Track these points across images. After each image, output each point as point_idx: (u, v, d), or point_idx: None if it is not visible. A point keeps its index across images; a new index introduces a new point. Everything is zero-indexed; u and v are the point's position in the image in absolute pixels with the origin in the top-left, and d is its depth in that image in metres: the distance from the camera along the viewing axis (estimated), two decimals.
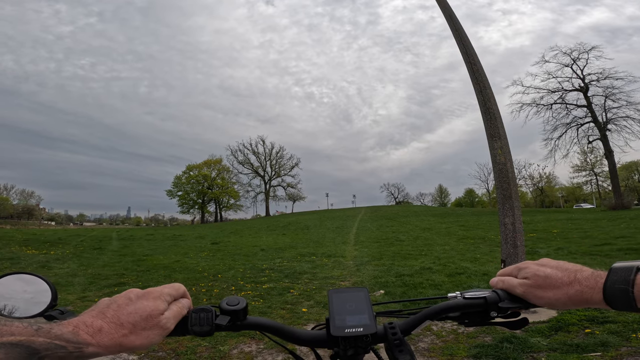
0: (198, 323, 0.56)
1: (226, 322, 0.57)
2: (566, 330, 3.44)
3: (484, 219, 20.83)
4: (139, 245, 16.98)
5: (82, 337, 0.46)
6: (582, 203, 51.20)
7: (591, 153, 43.10)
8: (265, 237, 18.66)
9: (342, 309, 0.59)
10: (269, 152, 65.66)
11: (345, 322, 0.56)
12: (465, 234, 14.16)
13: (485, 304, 0.60)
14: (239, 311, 0.58)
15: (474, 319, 0.62)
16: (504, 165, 4.27)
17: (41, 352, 0.42)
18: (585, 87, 31.46)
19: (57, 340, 0.44)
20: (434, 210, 34.92)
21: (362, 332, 0.54)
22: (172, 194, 62.82)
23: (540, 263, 0.59)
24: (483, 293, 0.61)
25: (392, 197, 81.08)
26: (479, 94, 5.03)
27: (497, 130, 4.49)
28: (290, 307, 5.06)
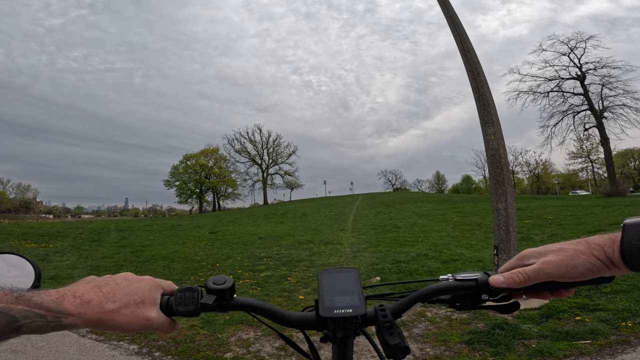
0: (183, 302, 0.55)
1: (212, 302, 0.55)
2: (557, 317, 3.51)
3: (480, 206, 20.98)
4: (138, 236, 17.01)
5: (65, 307, 0.45)
6: (578, 190, 51.53)
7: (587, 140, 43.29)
8: (263, 226, 18.75)
9: (331, 289, 0.57)
10: (266, 140, 65.38)
11: (334, 303, 0.55)
12: (462, 221, 14.28)
13: (477, 286, 0.58)
14: (225, 290, 0.56)
15: (465, 302, 0.60)
16: (496, 151, 4.28)
17: (19, 320, 0.42)
18: (582, 75, 31.51)
19: (36, 309, 0.43)
20: (431, 197, 35.11)
21: (352, 313, 0.53)
22: (169, 183, 62.71)
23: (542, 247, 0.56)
24: (475, 275, 0.59)
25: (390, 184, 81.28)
26: (473, 80, 5.00)
27: (490, 116, 4.48)
28: (287, 294, 5.13)
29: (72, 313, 0.46)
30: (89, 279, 0.53)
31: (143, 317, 0.51)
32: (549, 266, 0.51)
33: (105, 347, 3.81)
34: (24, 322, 0.42)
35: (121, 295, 0.50)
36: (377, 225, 14.92)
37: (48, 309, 0.44)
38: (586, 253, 0.49)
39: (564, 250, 0.51)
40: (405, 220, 16.08)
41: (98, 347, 3.81)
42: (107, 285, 0.51)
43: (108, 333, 4.10)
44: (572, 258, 0.50)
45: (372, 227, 14.60)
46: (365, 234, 12.59)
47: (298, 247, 10.01)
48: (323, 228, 15.44)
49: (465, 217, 15.77)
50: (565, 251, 0.51)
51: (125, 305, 0.50)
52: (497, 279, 0.55)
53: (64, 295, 0.47)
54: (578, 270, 0.49)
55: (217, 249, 10.67)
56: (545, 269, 0.51)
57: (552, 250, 0.53)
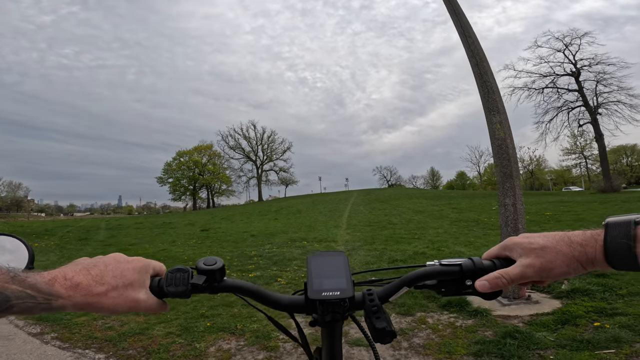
0: (173, 283, 0.54)
1: (202, 282, 0.54)
2: (573, 323, 3.16)
3: (476, 202, 20.74)
4: (127, 234, 16.60)
5: (56, 289, 0.46)
6: (571, 186, 51.69)
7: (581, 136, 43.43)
8: (257, 223, 18.33)
9: (320, 272, 0.57)
10: (260, 136, 64.69)
11: (322, 285, 0.55)
12: (458, 217, 13.98)
13: (461, 272, 0.58)
14: (216, 271, 0.56)
15: (449, 287, 0.60)
16: (503, 141, 3.90)
17: (12, 299, 0.42)
18: (577, 72, 31.57)
19: (29, 290, 0.43)
20: (426, 193, 34.87)
21: (339, 295, 0.53)
22: (162, 180, 61.79)
23: (525, 236, 0.55)
24: (459, 261, 0.59)
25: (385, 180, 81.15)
26: (475, 67, 4.63)
27: (495, 104, 4.11)
28: None
29: (61, 296, 0.46)
30: (80, 261, 0.53)
31: (131, 299, 0.51)
32: (529, 270, 0.52)
33: (68, 356, 3.41)
34: (15, 302, 0.42)
35: (109, 278, 0.50)
36: (372, 222, 14.58)
37: (40, 290, 0.44)
38: (567, 255, 0.50)
39: (545, 250, 0.52)
40: (400, 217, 15.76)
41: (60, 356, 3.43)
42: (95, 268, 0.50)
43: (75, 339, 3.77)
44: (551, 261, 0.51)
45: (367, 223, 14.26)
46: (360, 230, 12.24)
47: (291, 245, 9.63)
48: (317, 225, 15.06)
49: (462, 213, 15.49)
50: (546, 252, 0.51)
51: (113, 288, 0.50)
52: (483, 285, 0.55)
53: (55, 277, 0.47)
54: (556, 272, 0.51)
55: (207, 248, 10.25)
56: (526, 273, 0.53)
57: (534, 248, 0.53)
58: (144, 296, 0.52)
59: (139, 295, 0.52)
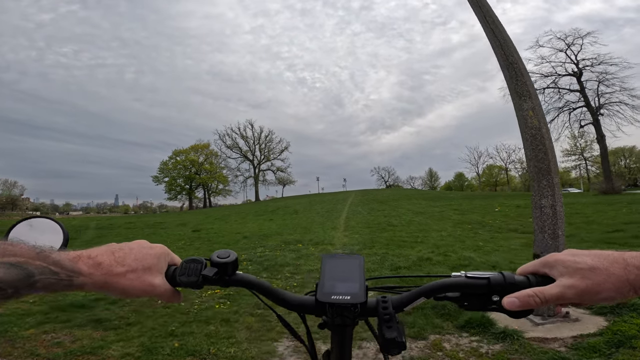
0: (186, 273, 0.55)
1: (213, 274, 0.54)
2: (629, 345, 2.56)
3: (476, 203, 20.15)
4: (117, 234, 15.95)
5: (78, 266, 0.46)
6: (569, 187, 51.25)
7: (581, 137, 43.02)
8: (251, 223, 17.67)
9: (332, 275, 0.55)
10: (258, 136, 63.94)
11: (333, 288, 0.53)
12: (461, 219, 13.38)
13: (488, 286, 0.53)
14: (228, 264, 0.55)
15: (473, 302, 0.55)
16: (537, 130, 3.28)
17: (35, 275, 0.42)
18: (579, 72, 31.12)
19: (52, 266, 0.44)
20: (425, 194, 34.27)
21: (349, 300, 0.50)
22: (158, 179, 60.85)
23: (571, 254, 0.48)
24: (488, 274, 0.54)
25: (383, 181, 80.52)
26: (499, 48, 4.02)
27: (525, 88, 3.49)
28: (261, 312, 4.09)
29: (83, 273, 0.46)
30: (108, 245, 0.53)
31: (148, 283, 0.51)
32: (570, 292, 0.46)
33: None
34: (39, 278, 0.42)
35: (130, 260, 0.51)
36: (371, 224, 13.96)
37: (63, 267, 0.45)
38: (620, 278, 0.43)
39: (595, 271, 0.45)
40: (400, 218, 15.14)
41: None
42: (120, 251, 0.51)
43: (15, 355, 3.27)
44: (600, 284, 0.44)
45: (366, 225, 13.63)
46: (359, 232, 11.61)
47: (284, 248, 8.98)
48: (314, 226, 14.41)
49: (464, 214, 14.90)
50: (596, 274, 0.44)
51: (132, 270, 0.50)
52: (512, 302, 0.48)
53: (79, 255, 0.48)
54: (601, 296, 0.45)
55: (195, 250, 9.60)
56: (566, 295, 0.46)
57: (581, 268, 0.46)
58: (159, 282, 0.53)
59: (155, 280, 0.52)
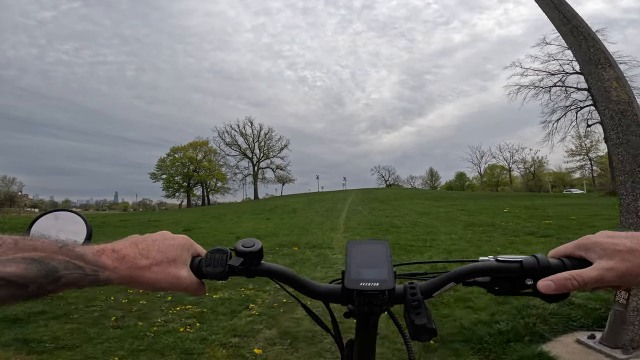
0: (212, 264, 0.54)
1: (239, 264, 0.54)
2: None
3: (482, 203, 19.23)
4: (103, 233, 15.07)
5: (102, 261, 0.44)
6: (571, 188, 50.26)
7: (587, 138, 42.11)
8: (247, 222, 16.79)
9: (359, 261, 0.53)
10: (257, 133, 63.00)
11: (360, 275, 0.51)
12: (470, 220, 12.47)
13: (521, 269, 0.52)
14: (254, 253, 0.55)
15: (505, 286, 0.54)
16: (628, 105, 2.37)
17: (59, 270, 0.40)
18: None
19: (76, 260, 0.42)
20: (427, 193, 33.35)
21: (378, 287, 0.49)
22: (155, 177, 59.97)
23: (608, 235, 0.47)
24: (519, 257, 0.53)
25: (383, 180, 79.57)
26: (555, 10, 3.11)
27: (602, 55, 2.60)
28: (236, 341, 3.19)
29: (108, 267, 0.45)
30: (130, 237, 0.52)
31: (173, 276, 0.50)
32: (610, 274, 0.45)
33: None
34: (63, 273, 0.40)
35: (155, 252, 0.49)
36: (373, 224, 13.06)
37: (88, 261, 0.43)
38: None
39: (634, 253, 0.44)
40: (404, 219, 14.24)
41: None
42: (143, 242, 0.50)
43: None
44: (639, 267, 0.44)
45: (368, 226, 12.73)
46: (360, 234, 10.71)
47: (278, 252, 8.09)
48: (312, 226, 13.52)
49: (472, 215, 13.99)
50: (636, 255, 0.44)
51: (157, 263, 0.48)
52: (547, 285, 0.47)
53: (103, 249, 0.46)
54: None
55: None
56: (605, 278, 0.45)
57: (620, 250, 0.45)
58: (185, 274, 0.51)
59: (181, 272, 0.50)
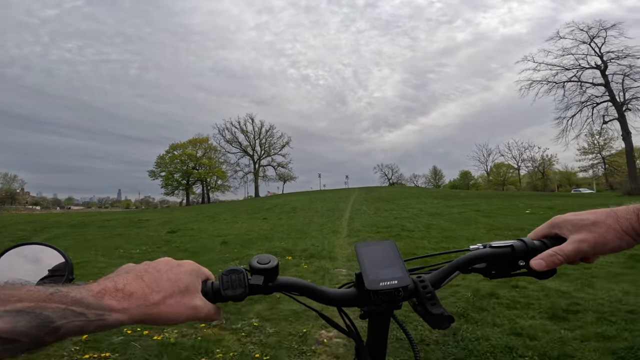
0: (230, 286, 0.51)
1: (261, 282, 0.52)
2: None
3: (496, 203, 17.74)
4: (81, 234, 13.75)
5: (107, 302, 0.39)
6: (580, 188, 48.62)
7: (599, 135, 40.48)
8: (241, 223, 15.41)
9: (373, 262, 0.55)
10: (259, 130, 61.60)
11: (379, 275, 0.52)
12: (491, 223, 11.03)
13: (513, 253, 0.58)
14: (271, 269, 0.53)
15: (500, 269, 0.59)
16: None
17: (55, 320, 0.35)
18: (603, 65, 28.80)
19: (74, 306, 0.36)
20: (433, 192, 31.88)
21: (397, 284, 0.51)
22: (154, 174, 58.71)
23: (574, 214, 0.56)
24: (509, 242, 0.58)
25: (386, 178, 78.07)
26: None
27: None
28: None
29: (115, 309, 0.39)
30: (128, 268, 0.46)
31: (190, 306, 0.45)
32: (584, 245, 0.53)
33: None
34: (61, 323, 0.35)
35: (165, 284, 0.44)
36: (380, 226, 11.64)
37: (88, 305, 0.37)
38: (616, 229, 0.51)
39: (597, 225, 0.52)
40: (415, 220, 12.81)
41: None
42: (148, 274, 0.44)
43: None
44: (604, 235, 0.52)
45: (375, 228, 11.31)
46: (367, 239, 9.30)
47: None
48: (311, 228, 12.12)
49: (491, 217, 12.54)
50: (599, 226, 0.52)
51: (170, 295, 0.44)
52: (539, 263, 0.55)
53: (104, 288, 0.40)
54: (610, 246, 0.52)
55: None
56: (581, 248, 0.53)
57: (586, 224, 0.53)
58: (200, 302, 0.47)
59: (196, 302, 0.47)
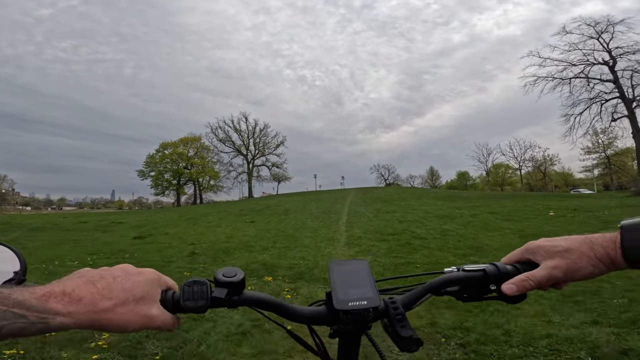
0: (192, 297, 0.49)
1: (224, 295, 0.51)
2: None
3: (507, 204, 16.03)
4: (38, 237, 11.95)
5: (51, 306, 0.38)
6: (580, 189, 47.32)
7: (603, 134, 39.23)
8: (224, 227, 13.58)
9: (344, 281, 0.54)
10: (252, 129, 59.57)
11: (348, 295, 0.52)
12: (517, 228, 9.32)
13: (485, 277, 0.57)
14: (237, 283, 0.52)
15: (472, 293, 0.59)
16: None
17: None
18: (612, 60, 27.56)
19: (15, 308, 0.36)
20: (434, 193, 30.24)
21: (367, 305, 0.51)
22: (144, 174, 56.48)
23: (547, 240, 0.56)
24: (482, 266, 0.58)
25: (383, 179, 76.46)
26: None
27: None
28: None
29: (60, 312, 0.39)
30: (83, 272, 0.45)
31: (143, 315, 0.45)
32: (556, 271, 0.53)
33: None
34: (1, 324, 0.35)
35: (118, 292, 0.43)
36: (384, 233, 9.86)
37: (30, 307, 0.37)
38: (590, 256, 0.52)
39: (570, 251, 0.53)
40: (424, 225, 11.05)
41: None
42: (102, 280, 0.43)
43: None
44: (576, 262, 0.52)
45: (379, 235, 9.53)
46: (371, 250, 7.51)
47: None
48: (303, 235, 10.33)
49: (513, 221, 10.83)
50: (571, 253, 0.53)
51: (122, 303, 0.43)
52: (510, 288, 0.55)
53: (50, 292, 0.39)
54: (581, 273, 0.53)
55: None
56: (553, 274, 0.53)
57: (559, 251, 0.54)
58: (156, 311, 0.46)
59: (151, 311, 0.46)
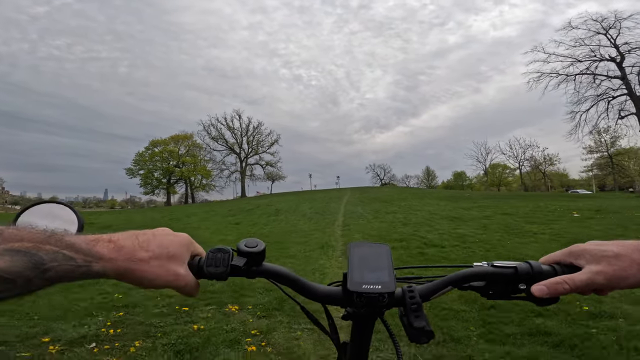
0: (214, 263, 0.52)
1: (242, 264, 0.53)
2: None
3: (518, 204, 14.63)
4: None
5: (97, 250, 0.41)
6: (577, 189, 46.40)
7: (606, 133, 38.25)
8: (203, 230, 12.00)
9: (361, 264, 0.53)
10: (246, 127, 57.86)
11: (363, 277, 0.51)
12: (550, 232, 7.86)
13: (516, 275, 0.54)
14: (257, 254, 0.54)
15: (499, 290, 0.56)
16: None
17: (46, 262, 0.36)
18: (620, 57, 26.81)
19: (66, 250, 0.38)
20: (433, 193, 28.90)
21: (380, 289, 0.49)
22: (132, 172, 54.50)
23: (595, 243, 0.52)
24: (514, 263, 0.56)
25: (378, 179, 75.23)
26: None
27: None
28: None
29: (103, 257, 0.41)
30: (129, 231, 0.48)
31: (172, 273, 0.47)
32: (599, 277, 0.48)
33: None
34: (51, 265, 0.36)
35: (155, 246, 0.47)
36: (389, 238, 8.36)
37: (79, 250, 0.39)
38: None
39: (619, 258, 0.48)
40: (434, 229, 9.55)
41: None
42: (143, 235, 0.48)
43: None
44: (625, 270, 0.48)
45: (383, 242, 8.03)
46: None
47: (180, 319, 3.34)
48: (292, 240, 8.79)
49: (538, 223, 9.37)
50: (621, 260, 0.48)
51: (156, 257, 0.46)
52: (540, 289, 0.51)
53: (98, 238, 0.43)
54: (628, 282, 0.48)
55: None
56: (595, 281, 0.49)
57: (607, 256, 0.49)
58: (183, 271, 0.49)
59: (180, 270, 0.48)
